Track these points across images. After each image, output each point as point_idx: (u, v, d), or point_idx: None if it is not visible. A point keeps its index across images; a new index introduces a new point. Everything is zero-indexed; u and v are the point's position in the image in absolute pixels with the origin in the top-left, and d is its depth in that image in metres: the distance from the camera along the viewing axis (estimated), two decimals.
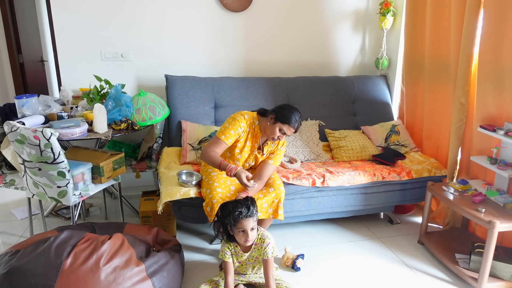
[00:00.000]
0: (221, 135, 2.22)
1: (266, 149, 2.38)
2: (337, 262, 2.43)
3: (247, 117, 2.29)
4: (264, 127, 2.28)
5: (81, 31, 2.97)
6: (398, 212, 3.08)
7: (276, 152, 2.38)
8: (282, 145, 2.39)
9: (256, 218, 1.94)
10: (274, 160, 2.36)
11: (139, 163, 2.91)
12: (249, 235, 1.89)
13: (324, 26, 3.45)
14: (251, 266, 2.08)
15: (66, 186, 2.22)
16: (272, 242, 2.00)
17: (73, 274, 1.75)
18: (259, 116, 2.34)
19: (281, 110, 2.21)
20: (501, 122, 2.35)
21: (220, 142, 2.21)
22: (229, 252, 2.01)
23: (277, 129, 2.20)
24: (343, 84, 3.32)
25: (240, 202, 1.91)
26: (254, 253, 2.02)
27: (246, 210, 1.88)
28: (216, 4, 3.17)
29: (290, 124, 2.18)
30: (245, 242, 1.92)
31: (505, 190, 2.33)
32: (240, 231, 1.91)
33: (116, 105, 2.61)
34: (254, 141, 2.34)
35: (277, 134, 2.21)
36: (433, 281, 2.27)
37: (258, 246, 2.01)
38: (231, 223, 1.89)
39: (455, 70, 2.65)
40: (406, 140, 3.08)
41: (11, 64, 4.28)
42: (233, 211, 1.87)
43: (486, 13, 2.36)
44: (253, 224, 1.91)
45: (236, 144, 2.32)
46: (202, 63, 3.27)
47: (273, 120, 2.21)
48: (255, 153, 2.37)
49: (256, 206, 1.95)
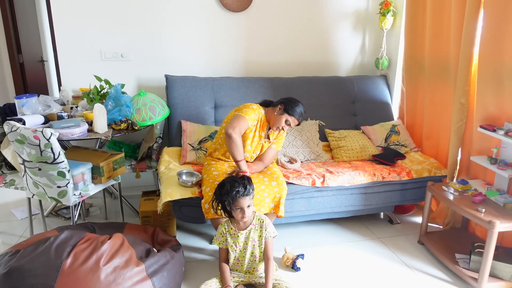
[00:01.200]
0: (245, 115, 2.28)
1: (271, 137, 2.49)
2: (337, 262, 2.43)
3: (256, 107, 2.39)
4: (269, 117, 2.41)
5: (81, 31, 2.97)
6: (398, 212, 3.08)
7: (278, 138, 2.51)
8: (283, 131, 2.51)
9: (252, 195, 2.03)
10: (277, 145, 2.51)
11: (139, 163, 2.91)
12: (245, 212, 1.99)
13: (324, 26, 3.45)
14: (250, 253, 2.10)
15: (66, 186, 2.22)
16: (270, 223, 2.10)
17: (73, 274, 1.75)
18: (263, 107, 2.47)
19: (290, 102, 2.37)
20: (501, 122, 2.35)
21: (245, 120, 2.27)
22: (221, 237, 2.09)
23: (283, 119, 2.35)
24: (343, 84, 3.32)
25: (237, 181, 1.99)
26: (252, 234, 2.07)
27: (243, 189, 1.97)
28: (216, 4, 3.17)
29: (296, 117, 2.36)
30: (242, 218, 2.01)
31: (505, 190, 2.33)
32: (237, 209, 1.99)
33: (116, 105, 2.61)
34: (261, 130, 2.43)
35: (282, 124, 2.36)
36: (433, 281, 2.27)
37: (257, 227, 2.08)
38: (229, 201, 1.97)
39: (455, 70, 2.65)
40: (406, 140, 3.08)
41: (11, 64, 4.28)
42: (231, 191, 1.96)
43: (486, 13, 2.36)
44: (250, 202, 2.00)
45: (248, 134, 2.37)
46: (202, 63, 3.27)
47: (281, 111, 2.35)
48: (262, 142, 2.46)
49: (252, 184, 2.03)
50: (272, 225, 2.11)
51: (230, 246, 2.08)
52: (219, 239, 2.11)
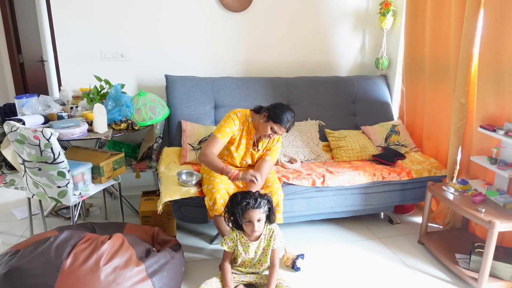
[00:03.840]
0: (217, 134, 2.27)
1: (260, 145, 2.41)
2: (337, 262, 2.43)
3: (240, 115, 2.34)
4: (257, 124, 2.33)
5: (81, 31, 2.97)
6: (398, 212, 3.08)
7: (272, 148, 2.42)
8: (277, 141, 2.44)
9: (264, 210, 1.98)
10: (271, 156, 2.41)
11: (139, 163, 2.91)
12: (255, 226, 1.95)
13: (324, 26, 3.45)
14: (258, 259, 2.11)
15: (66, 186, 2.22)
16: (280, 233, 2.08)
17: (73, 274, 1.74)
18: (254, 113, 2.39)
19: (274, 109, 2.25)
20: (501, 122, 2.35)
21: (217, 140, 2.26)
22: (231, 242, 2.07)
23: (268, 127, 2.25)
24: (343, 84, 3.32)
25: (249, 194, 1.98)
26: (262, 244, 2.07)
27: (254, 201, 1.94)
28: (216, 4, 3.17)
29: (282, 124, 2.23)
30: (252, 232, 1.98)
31: (505, 190, 2.33)
32: (247, 221, 1.97)
33: (116, 105, 2.61)
34: (249, 138, 2.38)
35: (268, 132, 2.26)
36: (433, 281, 2.27)
37: (267, 237, 2.07)
38: (239, 213, 1.95)
39: (455, 70, 2.65)
40: (406, 140, 3.08)
41: (11, 64, 4.28)
42: (241, 202, 1.94)
43: (486, 13, 2.36)
44: (260, 216, 1.96)
45: (232, 142, 2.36)
46: (202, 63, 3.27)
47: (266, 118, 2.26)
48: (251, 150, 2.41)
49: (266, 199, 2.00)
50: (281, 235, 2.09)
51: (239, 253, 2.08)
52: (228, 243, 2.08)
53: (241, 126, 2.34)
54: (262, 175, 2.31)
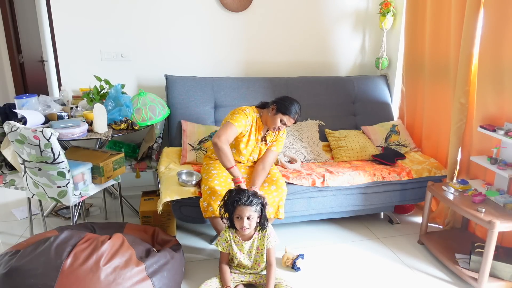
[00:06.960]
0: (234, 122, 2.26)
1: (268, 139, 2.46)
2: (337, 262, 2.43)
3: (249, 111, 2.36)
4: (265, 118, 2.37)
5: (81, 31, 2.97)
6: (398, 212, 3.08)
7: (278, 139, 2.48)
8: (283, 133, 2.49)
9: (256, 209, 1.99)
10: (277, 147, 2.47)
11: (139, 163, 2.91)
12: (244, 222, 1.96)
13: (324, 26, 3.45)
14: (254, 260, 2.12)
15: (66, 186, 2.22)
16: (273, 232, 2.09)
17: (73, 274, 1.74)
18: (259, 109, 2.43)
19: (282, 101, 2.31)
20: (501, 122, 2.35)
21: (234, 128, 2.25)
22: (225, 243, 2.08)
23: (278, 119, 2.29)
24: (343, 84, 3.32)
25: (243, 191, 2.00)
26: (256, 243, 2.09)
27: (246, 198, 1.95)
28: (216, 4, 3.17)
29: (290, 115, 2.28)
30: (241, 229, 1.99)
31: (505, 190, 2.33)
32: (237, 217, 1.98)
33: (116, 105, 2.61)
34: (257, 133, 2.41)
35: (278, 124, 2.31)
36: (433, 281, 2.27)
37: (260, 236, 2.08)
38: (230, 208, 1.97)
39: (455, 70, 2.65)
40: (406, 140, 3.08)
41: (11, 64, 4.28)
42: (234, 197, 1.96)
43: (486, 13, 2.36)
44: (250, 214, 1.97)
45: (241, 139, 2.36)
46: (202, 63, 3.27)
47: (275, 111, 2.30)
48: (259, 145, 2.44)
49: (259, 198, 2.02)
50: (274, 233, 2.10)
51: (235, 253, 2.09)
52: (223, 244, 2.09)
53: (251, 122, 2.37)
54: (266, 164, 2.39)
